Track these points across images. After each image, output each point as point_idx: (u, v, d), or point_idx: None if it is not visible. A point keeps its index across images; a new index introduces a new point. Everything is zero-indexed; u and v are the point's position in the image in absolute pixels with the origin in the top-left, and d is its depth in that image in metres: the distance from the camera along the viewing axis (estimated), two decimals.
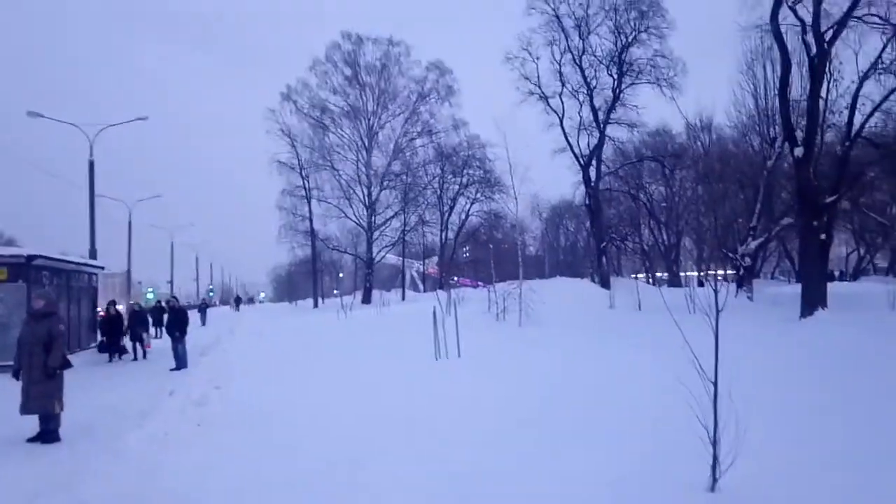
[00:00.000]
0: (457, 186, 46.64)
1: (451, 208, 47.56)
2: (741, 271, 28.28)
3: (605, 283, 30.54)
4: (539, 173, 36.73)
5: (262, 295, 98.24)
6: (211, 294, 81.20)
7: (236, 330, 26.64)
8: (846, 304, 19.42)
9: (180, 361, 15.06)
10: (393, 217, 46.01)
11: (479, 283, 40.91)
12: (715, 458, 4.70)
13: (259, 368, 13.24)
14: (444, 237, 48.32)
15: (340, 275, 70.50)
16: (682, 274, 47.73)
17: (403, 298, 44.84)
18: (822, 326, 15.29)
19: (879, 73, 21.53)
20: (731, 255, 29.29)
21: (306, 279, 58.78)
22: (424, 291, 53.57)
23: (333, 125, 45.93)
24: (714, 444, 4.70)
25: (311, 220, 45.52)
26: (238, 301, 65.67)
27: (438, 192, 46.46)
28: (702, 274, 40.59)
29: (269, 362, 14.25)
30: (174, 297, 19.97)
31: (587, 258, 43.25)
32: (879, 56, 21.14)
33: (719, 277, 32.63)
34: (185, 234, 59.25)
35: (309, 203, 45.18)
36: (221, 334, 23.69)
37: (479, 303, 22.66)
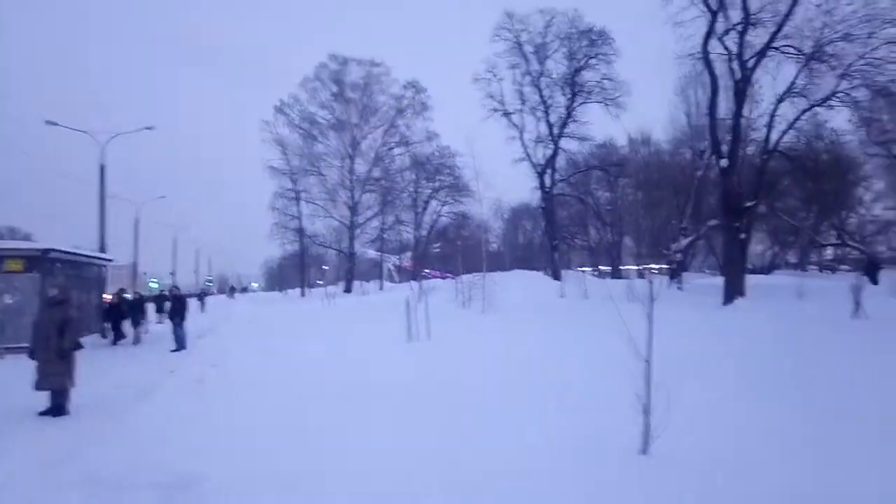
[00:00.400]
0: (429, 191, 46.62)
1: (424, 210, 47.50)
2: (674, 265, 28.74)
3: (556, 276, 30.79)
4: (502, 179, 37.02)
5: (255, 285, 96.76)
6: (209, 284, 79.84)
7: (231, 316, 26.29)
8: (761, 293, 19.87)
9: (180, 343, 14.82)
10: (373, 217, 46.11)
11: (449, 275, 40.92)
12: (647, 425, 4.76)
13: (252, 348, 13.08)
14: (417, 235, 48.31)
15: (325, 267, 69.98)
16: (623, 268, 48.32)
17: (381, 288, 44.77)
18: (740, 312, 15.64)
19: (793, 97, 22.02)
20: (665, 251, 29.72)
21: (295, 271, 58.34)
22: (400, 283, 53.43)
23: (321, 136, 45.73)
24: (646, 413, 4.76)
25: (299, 220, 45.34)
26: (233, 290, 64.76)
27: (413, 195, 46.40)
28: (640, 268, 41.14)
29: (260, 343, 14.07)
30: (176, 287, 19.63)
31: (542, 254, 43.50)
32: (793, 82, 21.62)
33: (655, 271, 33.06)
34: (187, 230, 58.15)
35: (298, 204, 45.03)
36: (218, 320, 23.36)
37: (448, 292, 22.66)
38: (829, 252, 43.64)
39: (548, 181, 34.98)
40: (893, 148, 25.15)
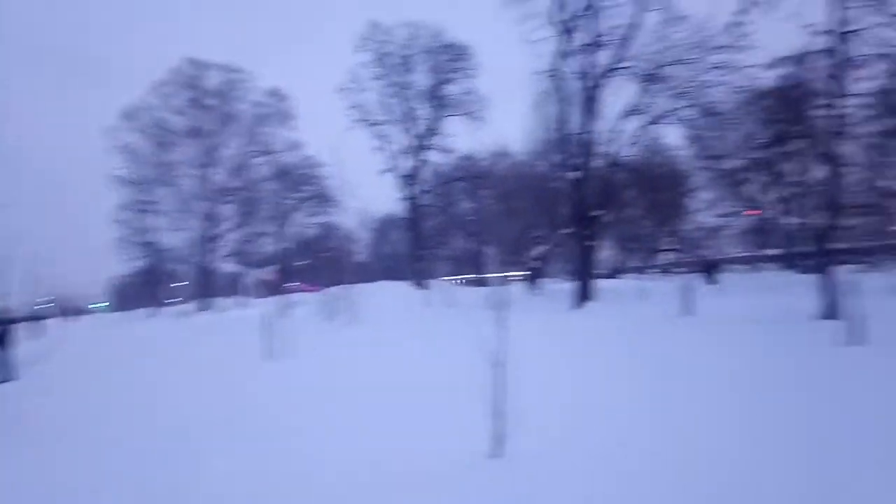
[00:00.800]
0: (293, 201, 45.41)
1: (289, 220, 46.21)
2: (532, 272, 30.09)
3: (422, 286, 31.12)
4: (368, 189, 36.69)
5: (99, 305, 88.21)
6: (44, 306, 71.59)
7: (66, 343, 23.79)
8: (609, 296, 21.28)
9: (6, 374, 13.09)
10: (232, 229, 43.91)
11: (315, 287, 39.96)
12: (498, 427, 4.83)
13: (88, 375, 11.86)
14: (282, 247, 46.78)
15: (180, 283, 65.59)
16: (486, 276, 49.87)
17: (242, 305, 42.69)
18: (590, 313, 16.62)
19: (635, 114, 23.85)
20: (523, 258, 31.06)
21: (145, 289, 54.10)
22: (263, 297, 51.37)
23: (174, 143, 42.90)
24: (497, 415, 4.83)
25: (149, 233, 42.22)
26: (68, 313, 58.57)
27: (276, 206, 44.90)
28: (502, 275, 42.66)
29: (97, 370, 12.80)
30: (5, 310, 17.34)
31: (408, 264, 43.79)
32: (635, 100, 23.45)
33: (515, 278, 34.47)
34: (21, 246, 51.69)
35: (147, 216, 41.90)
36: (53, 346, 21.03)
37: (313, 305, 22.11)
38: (669, 256, 47.88)
39: (414, 192, 35.44)
40: (719, 162, 28.09)
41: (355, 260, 42.09)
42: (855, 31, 12.74)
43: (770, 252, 38.84)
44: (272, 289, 49.92)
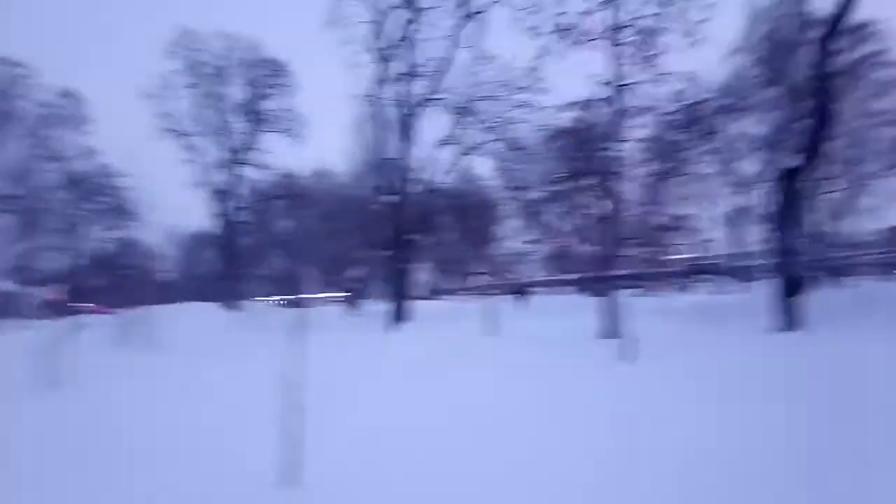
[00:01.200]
0: (87, 213, 40.88)
1: (81, 234, 41.46)
2: (351, 293, 30.09)
3: (235, 307, 29.66)
4: (177, 203, 34.45)
5: None
6: None
7: None
8: (423, 317, 21.98)
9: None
10: (10, 242, 38.31)
11: (111, 309, 36.12)
12: (289, 455, 4.75)
13: None
14: (72, 263, 41.76)
15: None
16: (305, 296, 48.81)
17: (18, 328, 37.21)
18: (403, 334, 17.02)
19: (450, 143, 25.07)
20: (342, 280, 30.96)
21: None
22: (48, 319, 45.28)
23: None
24: (288, 442, 4.75)
25: None
26: None
27: (66, 217, 40.09)
28: (322, 296, 42.09)
29: None
30: None
31: (221, 284, 41.52)
32: (450, 131, 24.65)
33: (335, 299, 34.19)
34: None
35: None
36: None
37: (106, 328, 19.93)
38: (483, 279, 50.63)
39: (228, 208, 33.81)
40: (523, 193, 30.42)
41: (161, 279, 38.87)
42: (629, 84, 14.69)
43: (569, 277, 42.72)
44: (59, 310, 44.26)
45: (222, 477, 5.04)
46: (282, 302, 47.82)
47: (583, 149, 17.84)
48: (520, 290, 31.28)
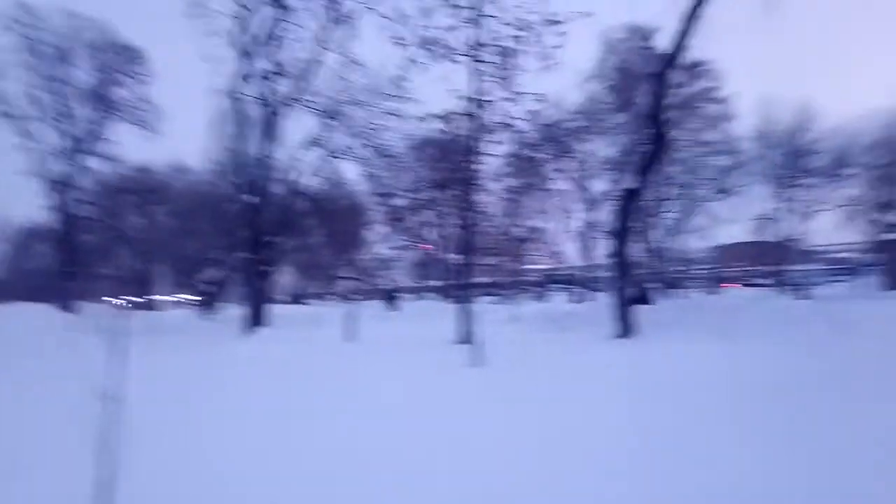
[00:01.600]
0: None
1: None
2: (205, 296, 28.54)
3: (71, 308, 27.03)
4: (6, 194, 30.85)
5: None
6: None
7: None
8: (282, 322, 21.37)
9: None
10: None
11: None
12: (105, 473, 4.41)
13: None
14: None
15: None
16: (155, 298, 45.60)
17: None
18: (258, 340, 16.45)
19: (315, 146, 24.56)
20: (197, 281, 29.31)
21: None
22: None
23: None
24: (105, 459, 4.41)
25: None
26: None
27: None
28: (174, 298, 39.53)
29: None
30: None
31: (58, 283, 37.69)
32: (316, 133, 24.17)
33: (188, 301, 32.25)
34: None
35: None
36: None
37: None
38: (349, 284, 50.17)
39: (67, 201, 30.76)
40: (390, 200, 30.58)
41: None
42: (489, 101, 15.31)
43: (434, 283, 43.51)
44: None
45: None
46: (128, 304, 44.22)
47: (446, 160, 18.29)
48: (387, 296, 31.43)
